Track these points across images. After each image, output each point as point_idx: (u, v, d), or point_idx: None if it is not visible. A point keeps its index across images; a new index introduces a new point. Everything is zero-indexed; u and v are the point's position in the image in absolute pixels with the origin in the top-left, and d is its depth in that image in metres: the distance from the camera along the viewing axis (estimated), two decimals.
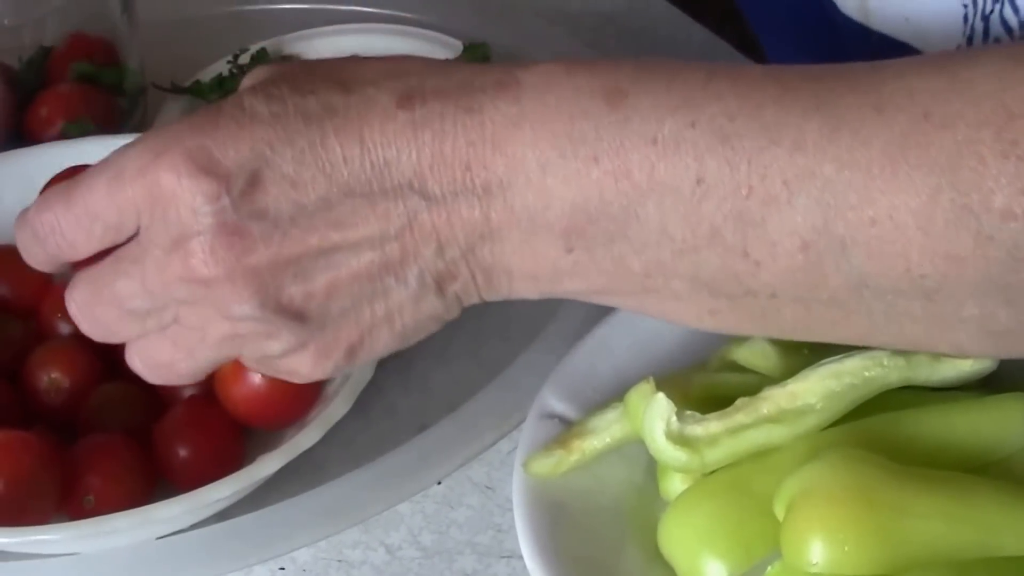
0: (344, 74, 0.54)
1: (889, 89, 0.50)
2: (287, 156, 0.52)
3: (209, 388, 0.69)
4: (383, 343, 0.56)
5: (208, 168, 0.52)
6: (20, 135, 0.87)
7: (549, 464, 0.62)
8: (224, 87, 0.92)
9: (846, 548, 0.53)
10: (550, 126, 0.53)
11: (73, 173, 0.74)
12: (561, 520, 0.60)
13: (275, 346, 0.55)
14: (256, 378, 0.67)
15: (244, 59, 0.94)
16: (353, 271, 0.53)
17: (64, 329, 0.73)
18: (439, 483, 0.70)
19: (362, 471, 0.67)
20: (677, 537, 0.58)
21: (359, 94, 0.53)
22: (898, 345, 0.56)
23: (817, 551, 0.53)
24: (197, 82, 0.93)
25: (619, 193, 0.52)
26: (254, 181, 0.52)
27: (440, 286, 0.55)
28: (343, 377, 0.68)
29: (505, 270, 0.55)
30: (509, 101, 0.53)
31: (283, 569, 0.67)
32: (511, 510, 0.61)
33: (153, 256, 0.54)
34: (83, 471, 0.66)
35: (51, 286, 0.76)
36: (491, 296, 0.56)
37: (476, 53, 0.91)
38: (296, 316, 0.54)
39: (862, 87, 0.51)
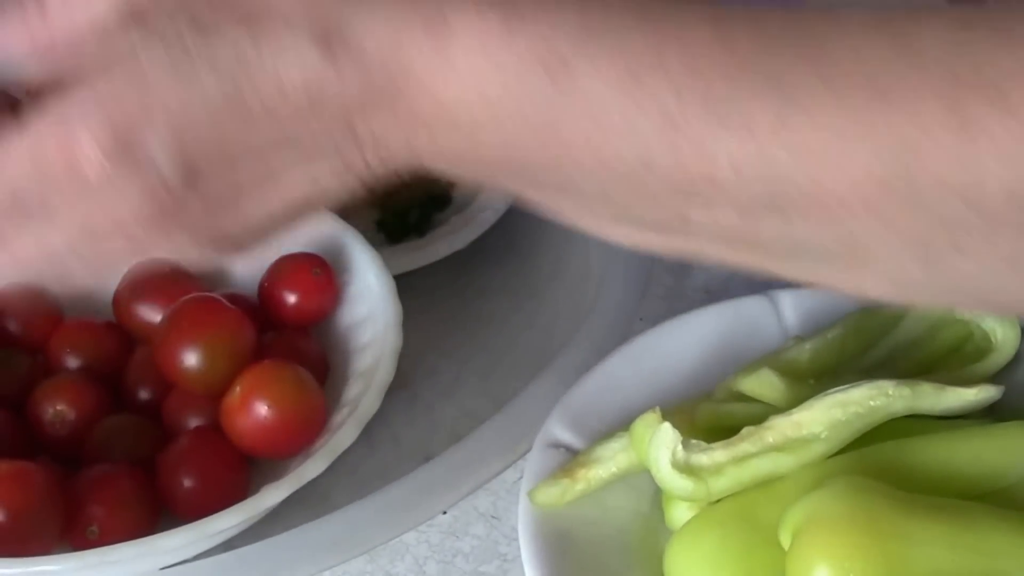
0: (250, 5, 0.49)
1: (839, 57, 0.47)
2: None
3: (214, 418, 0.69)
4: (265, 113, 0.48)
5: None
6: None
7: (555, 494, 0.62)
8: None
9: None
10: (483, 91, 0.47)
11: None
12: (567, 550, 0.60)
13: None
14: (262, 409, 0.67)
15: None
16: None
17: (72, 364, 0.74)
18: (445, 512, 0.70)
19: (368, 501, 0.67)
20: (683, 566, 0.58)
21: (271, 36, 0.48)
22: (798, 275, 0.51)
23: None
24: None
25: (553, 158, 0.48)
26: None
27: (326, 38, 0.47)
28: (350, 408, 0.68)
29: (423, 116, 0.48)
30: (440, 61, 0.48)
31: None
32: (517, 540, 0.61)
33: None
34: (87, 501, 0.66)
35: (61, 322, 0.76)
36: (396, 102, 0.48)
37: None
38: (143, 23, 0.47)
39: (811, 53, 0.48)
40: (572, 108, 0.47)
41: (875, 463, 0.59)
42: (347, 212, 0.87)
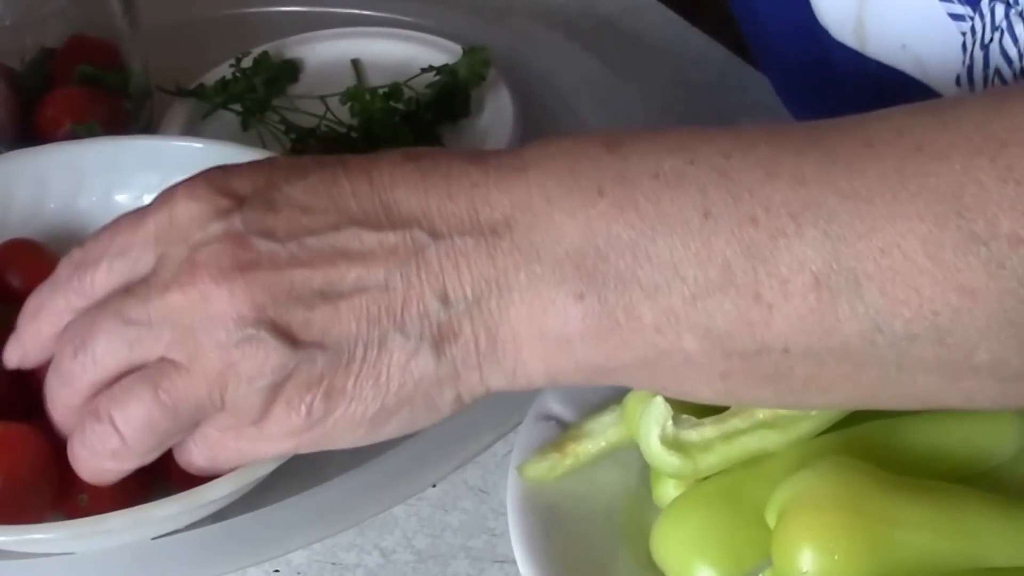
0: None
1: (876, 127, 0.50)
2: (299, 187, 0.54)
3: None
4: (365, 396, 0.54)
5: (223, 190, 0.54)
6: (26, 136, 0.87)
7: (544, 468, 0.62)
8: (228, 90, 0.93)
9: (836, 557, 0.53)
10: (552, 167, 0.53)
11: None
12: (554, 525, 0.61)
13: (258, 375, 0.53)
14: None
15: (247, 62, 0.95)
16: (354, 306, 0.52)
17: None
18: (434, 486, 0.70)
19: (358, 473, 0.67)
20: (669, 544, 0.58)
21: (365, 156, 0.55)
22: (907, 401, 0.54)
23: (807, 559, 0.53)
24: (201, 85, 0.93)
25: (626, 225, 0.51)
26: (267, 206, 0.53)
27: (439, 343, 0.53)
28: None
29: (511, 329, 0.53)
30: (511, 155, 0.54)
31: (278, 571, 0.68)
32: (505, 514, 0.62)
33: (160, 278, 0.54)
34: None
35: None
36: (491, 369, 0.54)
37: (476, 57, 0.91)
38: (290, 339, 0.52)
39: (848, 127, 0.51)
40: (629, 164, 0.52)
41: (862, 442, 0.59)
42: None
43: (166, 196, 0.56)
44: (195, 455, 0.59)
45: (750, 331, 0.51)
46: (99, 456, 0.58)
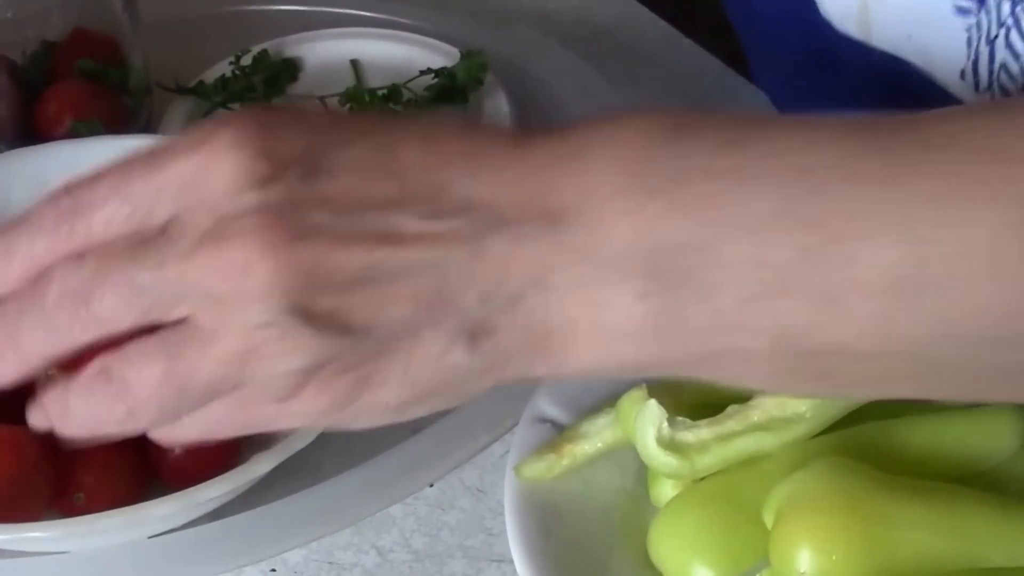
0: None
1: (942, 128, 0.48)
2: (352, 155, 0.48)
3: None
4: (394, 385, 0.49)
5: (265, 150, 0.48)
6: (28, 131, 0.87)
7: (540, 468, 0.62)
8: (227, 88, 0.93)
9: (833, 557, 0.53)
10: (620, 157, 0.49)
11: None
12: (552, 525, 0.61)
13: (289, 362, 0.48)
14: None
15: (246, 60, 0.95)
16: (396, 294, 0.48)
17: None
18: (431, 486, 0.70)
19: (355, 473, 0.67)
20: (666, 544, 0.59)
21: (424, 123, 0.51)
22: (966, 396, 0.53)
23: (805, 560, 0.53)
24: (201, 82, 0.94)
25: (695, 222, 0.48)
26: (313, 173, 0.48)
27: (474, 338, 0.49)
28: None
29: (565, 321, 0.49)
30: (578, 137, 0.50)
31: (274, 570, 0.68)
32: (502, 514, 0.62)
33: (180, 243, 0.48)
34: (75, 468, 0.67)
35: None
36: (535, 361, 0.50)
37: (474, 61, 0.91)
38: (323, 326, 0.47)
39: (908, 128, 0.49)
40: (691, 159, 0.48)
41: (858, 443, 0.59)
42: None
43: (194, 141, 0.48)
44: (189, 428, 0.52)
45: (819, 332, 0.48)
46: (102, 420, 0.52)
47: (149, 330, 0.50)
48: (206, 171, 0.48)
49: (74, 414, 0.53)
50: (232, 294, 0.48)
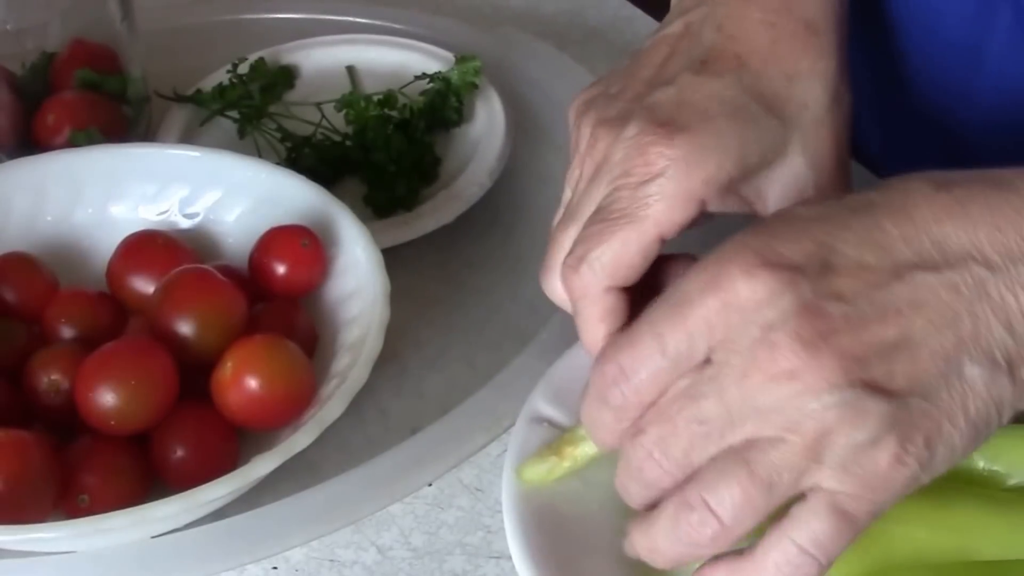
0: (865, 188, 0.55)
1: None
2: (849, 242, 0.52)
3: (205, 390, 0.70)
4: (959, 430, 0.51)
5: (779, 261, 0.51)
6: (27, 142, 0.88)
7: (542, 471, 0.62)
8: (225, 96, 0.93)
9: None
10: None
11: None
12: (549, 522, 0.61)
13: (859, 435, 0.50)
14: (253, 383, 0.68)
15: (243, 68, 0.95)
16: (931, 349, 0.51)
17: (66, 334, 0.74)
18: (430, 485, 0.71)
19: (355, 472, 0.68)
20: None
21: (894, 188, 0.54)
22: None
23: None
24: (198, 91, 0.94)
25: None
26: (824, 268, 0.51)
27: (1011, 366, 0.52)
28: (338, 380, 0.69)
29: None
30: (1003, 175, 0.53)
31: (276, 568, 0.68)
32: (500, 512, 0.62)
33: (731, 367, 0.51)
34: (80, 470, 0.67)
35: (56, 292, 0.77)
36: None
37: (468, 65, 0.92)
38: (883, 394, 0.50)
39: None
40: None
41: None
42: (335, 186, 0.88)
43: (707, 280, 0.52)
44: (816, 528, 0.52)
45: None
46: (695, 544, 0.53)
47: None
48: (730, 306, 0.51)
49: (663, 549, 0.55)
50: (788, 398, 0.50)
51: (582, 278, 0.61)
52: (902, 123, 0.84)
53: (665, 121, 0.61)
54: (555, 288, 0.64)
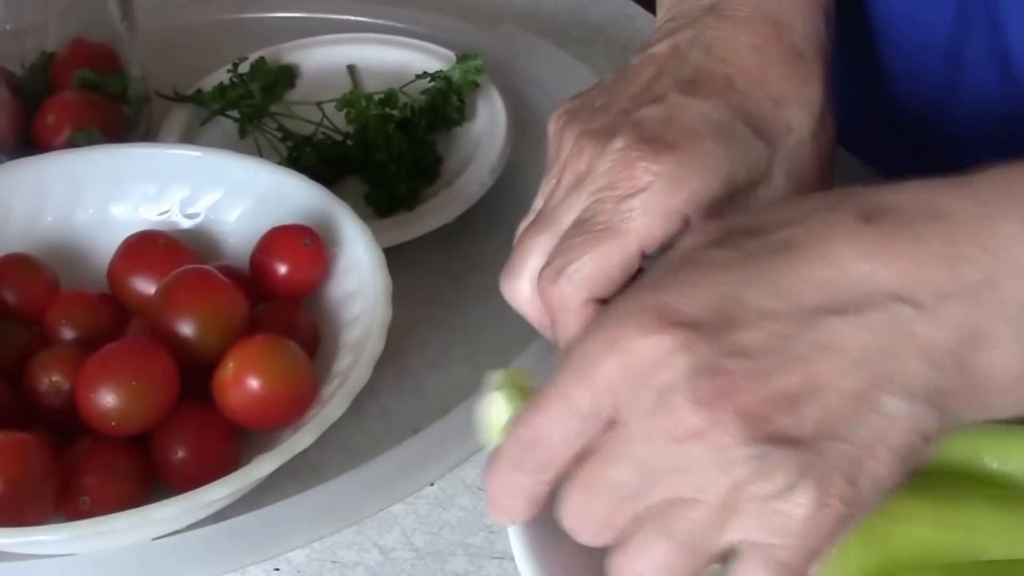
0: (791, 212, 0.53)
1: None
2: (756, 290, 0.50)
3: (206, 390, 0.70)
4: (883, 463, 0.50)
5: (677, 319, 0.50)
6: (27, 142, 0.88)
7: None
8: (225, 95, 0.93)
9: (835, 552, 0.53)
10: None
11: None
12: (552, 521, 0.61)
13: (773, 487, 0.49)
14: (254, 383, 0.68)
15: (244, 67, 0.95)
16: (842, 392, 0.49)
17: (67, 335, 0.74)
18: (432, 485, 0.71)
19: (356, 473, 0.68)
20: None
21: (818, 220, 0.52)
22: None
23: None
24: (199, 91, 0.94)
25: None
26: (726, 322, 0.50)
27: (935, 400, 0.50)
28: (339, 380, 0.69)
29: (995, 378, 0.51)
30: (973, 201, 0.51)
31: (278, 570, 0.68)
32: None
33: (637, 428, 0.50)
34: (81, 472, 0.67)
35: (57, 293, 0.77)
36: (973, 413, 0.52)
37: (469, 64, 0.92)
38: (792, 443, 0.49)
39: None
40: None
41: None
42: (336, 186, 0.88)
43: (606, 340, 0.51)
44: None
45: None
46: None
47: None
48: (628, 367, 0.50)
49: None
50: (696, 459, 0.49)
51: (561, 290, 0.61)
52: (882, 129, 0.84)
53: (652, 138, 0.61)
54: (517, 292, 0.64)
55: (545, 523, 0.60)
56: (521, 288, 0.64)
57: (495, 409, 0.57)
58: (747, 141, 0.63)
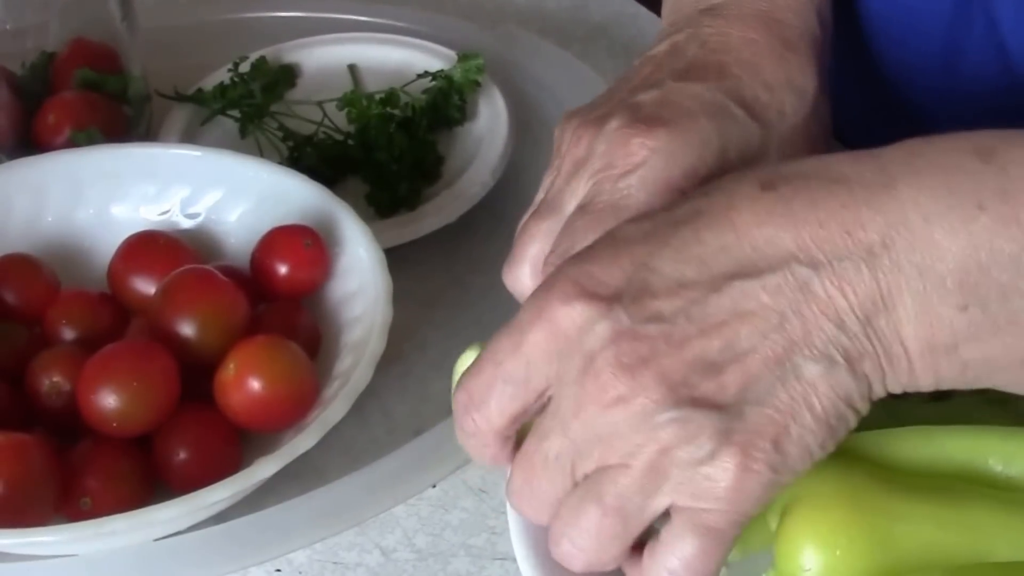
0: (704, 187, 0.55)
1: None
2: (668, 259, 0.52)
3: (207, 391, 0.70)
4: (809, 430, 0.51)
5: (596, 290, 0.52)
6: (28, 142, 0.88)
7: None
8: (226, 95, 0.93)
9: (838, 553, 0.53)
10: (925, 183, 0.52)
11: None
12: None
13: (697, 451, 0.51)
14: (256, 385, 0.68)
15: (244, 67, 0.95)
16: (761, 355, 0.51)
17: (67, 335, 0.74)
18: (434, 486, 0.71)
19: (358, 474, 0.67)
20: None
21: (721, 191, 0.53)
22: None
23: (809, 557, 0.53)
24: (199, 90, 0.94)
25: (1009, 239, 0.50)
26: (643, 290, 0.51)
27: (850, 363, 0.52)
28: (341, 381, 0.69)
29: (902, 344, 0.52)
30: (873, 169, 0.52)
31: (279, 571, 0.68)
32: (504, 513, 0.62)
33: (567, 399, 0.52)
34: (81, 473, 0.67)
35: (57, 293, 0.77)
36: (894, 381, 0.53)
37: (470, 63, 0.92)
38: (714, 407, 0.51)
39: None
40: (1008, 174, 0.51)
41: (861, 443, 0.59)
42: (337, 186, 0.88)
43: (535, 310, 0.53)
44: (684, 549, 0.53)
45: None
46: (577, 571, 0.54)
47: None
48: (554, 336, 0.52)
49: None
50: (622, 422, 0.51)
51: None
52: (880, 124, 0.84)
53: (647, 117, 0.62)
54: (518, 279, 0.64)
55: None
56: (522, 275, 0.64)
57: (462, 367, 0.58)
58: (741, 121, 0.63)
